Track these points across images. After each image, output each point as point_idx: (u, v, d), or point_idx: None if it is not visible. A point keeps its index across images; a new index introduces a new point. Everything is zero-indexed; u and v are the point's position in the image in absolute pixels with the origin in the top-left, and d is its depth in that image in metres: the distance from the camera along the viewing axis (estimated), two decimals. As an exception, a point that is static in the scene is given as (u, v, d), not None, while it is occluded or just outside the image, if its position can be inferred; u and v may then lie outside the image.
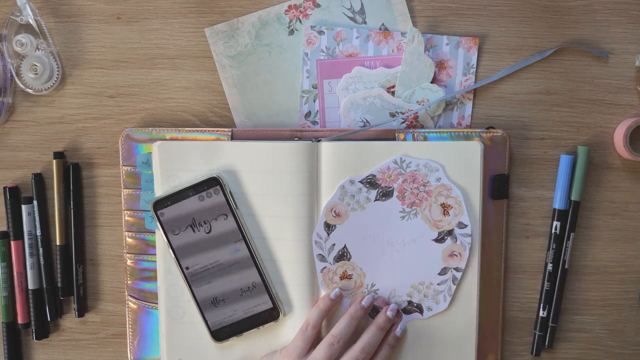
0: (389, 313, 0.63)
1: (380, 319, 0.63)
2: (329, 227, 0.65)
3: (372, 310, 0.66)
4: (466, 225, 0.65)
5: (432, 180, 0.64)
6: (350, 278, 0.65)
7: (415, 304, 0.66)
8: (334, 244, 0.65)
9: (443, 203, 0.64)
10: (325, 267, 0.65)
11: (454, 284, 0.65)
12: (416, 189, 0.65)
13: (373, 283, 0.66)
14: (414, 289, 0.65)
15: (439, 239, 0.65)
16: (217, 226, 0.64)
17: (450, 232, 0.65)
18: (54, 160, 0.69)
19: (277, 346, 0.66)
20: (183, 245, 0.65)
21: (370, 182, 0.64)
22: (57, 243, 0.70)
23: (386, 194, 0.65)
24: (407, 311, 0.66)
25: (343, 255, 0.65)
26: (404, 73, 0.67)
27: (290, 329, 0.66)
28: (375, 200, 0.65)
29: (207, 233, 0.64)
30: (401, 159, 0.64)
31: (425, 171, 0.64)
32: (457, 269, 0.65)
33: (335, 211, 0.65)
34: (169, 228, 0.64)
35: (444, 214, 0.65)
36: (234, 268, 0.65)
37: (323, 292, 0.65)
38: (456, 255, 0.65)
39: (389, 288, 0.66)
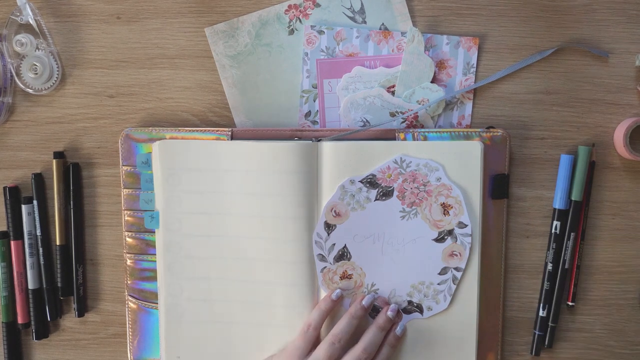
0: (389, 313, 0.63)
1: (380, 319, 0.63)
2: (329, 227, 0.65)
3: (373, 310, 0.66)
4: (466, 225, 0.64)
5: (432, 180, 0.64)
6: (351, 278, 0.65)
7: (415, 304, 0.66)
8: (334, 244, 0.65)
9: (443, 203, 0.64)
10: (325, 267, 0.65)
11: (454, 283, 0.65)
12: (416, 189, 0.65)
13: (373, 283, 0.66)
14: (414, 289, 0.65)
15: (439, 239, 0.65)
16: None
17: (450, 232, 0.65)
18: (54, 160, 0.69)
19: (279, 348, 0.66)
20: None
21: (371, 181, 0.64)
22: (57, 243, 0.70)
23: (386, 193, 0.65)
24: (407, 311, 0.66)
25: (343, 255, 0.65)
26: (404, 73, 0.67)
27: (291, 329, 0.65)
28: (376, 200, 0.65)
29: None
30: (401, 158, 0.64)
31: (426, 171, 0.64)
32: (457, 269, 0.65)
33: (335, 211, 0.65)
34: None
35: (444, 214, 0.65)
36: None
37: (323, 293, 0.65)
38: (456, 255, 0.65)
39: (389, 288, 0.66)
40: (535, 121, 0.68)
